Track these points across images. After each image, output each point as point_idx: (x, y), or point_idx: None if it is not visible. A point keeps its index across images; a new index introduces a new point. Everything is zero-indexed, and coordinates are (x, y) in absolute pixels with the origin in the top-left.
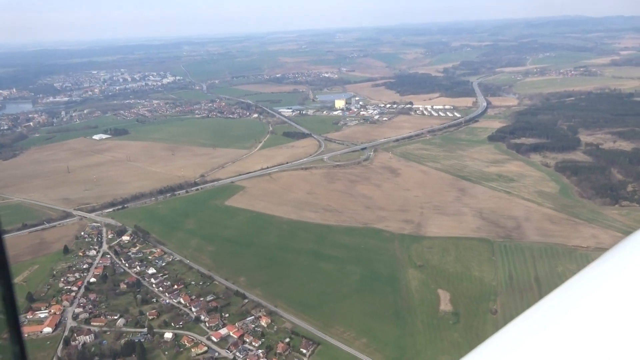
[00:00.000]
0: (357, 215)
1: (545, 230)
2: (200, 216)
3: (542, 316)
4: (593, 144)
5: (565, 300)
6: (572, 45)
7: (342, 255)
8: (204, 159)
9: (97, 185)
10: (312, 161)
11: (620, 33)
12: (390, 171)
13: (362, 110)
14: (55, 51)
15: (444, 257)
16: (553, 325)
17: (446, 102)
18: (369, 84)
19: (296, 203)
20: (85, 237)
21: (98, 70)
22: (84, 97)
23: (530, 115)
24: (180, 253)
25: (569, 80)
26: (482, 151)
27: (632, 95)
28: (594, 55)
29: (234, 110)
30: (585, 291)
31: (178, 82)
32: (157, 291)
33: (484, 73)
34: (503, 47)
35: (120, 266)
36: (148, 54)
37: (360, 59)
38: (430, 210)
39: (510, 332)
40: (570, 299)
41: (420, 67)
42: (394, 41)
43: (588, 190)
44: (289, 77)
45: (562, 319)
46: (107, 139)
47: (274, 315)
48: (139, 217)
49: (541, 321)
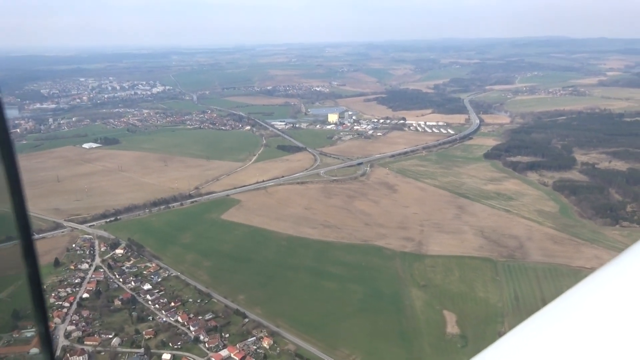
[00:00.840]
0: (357, 232)
1: (548, 250)
2: (196, 230)
3: (550, 319)
4: (589, 164)
5: (574, 303)
6: (558, 65)
7: (343, 273)
8: (198, 171)
9: (89, 195)
10: (308, 175)
11: (605, 54)
12: (387, 187)
13: (356, 124)
14: (41, 57)
15: (447, 276)
16: (560, 328)
17: (439, 118)
18: (360, 99)
19: (294, 218)
20: (76, 249)
21: (86, 78)
22: (71, 105)
23: (524, 133)
24: (177, 268)
25: (559, 99)
26: (479, 168)
27: (622, 116)
28: (580, 75)
29: (225, 122)
30: (595, 294)
31: (168, 91)
32: (154, 308)
33: (474, 90)
34: (491, 65)
35: (114, 281)
36: (136, 63)
37: (351, 74)
38: (430, 228)
39: (517, 335)
40: (579, 302)
41: (410, 83)
42: (383, 57)
43: (588, 210)
44: (280, 90)
45: (570, 322)
46: (97, 148)
47: (276, 336)
48: (132, 230)
49: (549, 324)
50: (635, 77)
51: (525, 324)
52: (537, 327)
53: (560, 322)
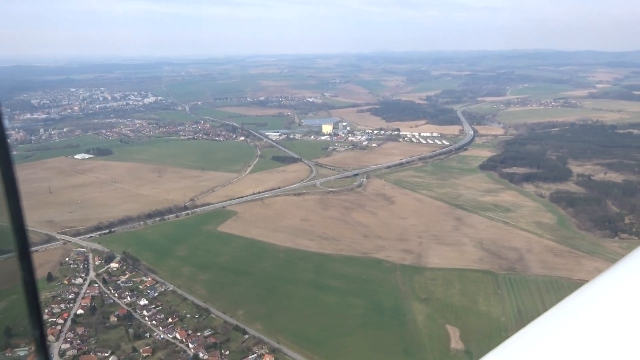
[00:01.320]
0: (355, 244)
1: (549, 262)
2: (192, 242)
3: (551, 324)
4: (584, 175)
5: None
6: (547, 77)
7: (343, 287)
8: (193, 182)
9: (82, 207)
10: (304, 186)
11: (593, 67)
12: (384, 198)
13: (350, 135)
14: (31, 67)
15: (448, 289)
16: (561, 332)
17: (433, 129)
18: (353, 110)
19: (291, 230)
20: (70, 263)
21: (76, 88)
22: (62, 115)
23: (518, 144)
24: (173, 282)
25: (551, 111)
26: (475, 180)
27: (615, 128)
28: (571, 87)
29: (219, 133)
30: (596, 299)
31: (160, 102)
32: (151, 325)
33: (466, 102)
34: (482, 77)
35: (110, 296)
36: (127, 74)
37: (343, 85)
38: (429, 240)
39: (519, 339)
40: (580, 306)
41: (403, 94)
42: (374, 68)
43: (586, 222)
44: (273, 101)
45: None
46: (90, 159)
47: (278, 353)
48: (127, 243)
49: (550, 329)
50: (625, 90)
51: (527, 328)
52: (539, 331)
53: (561, 326)
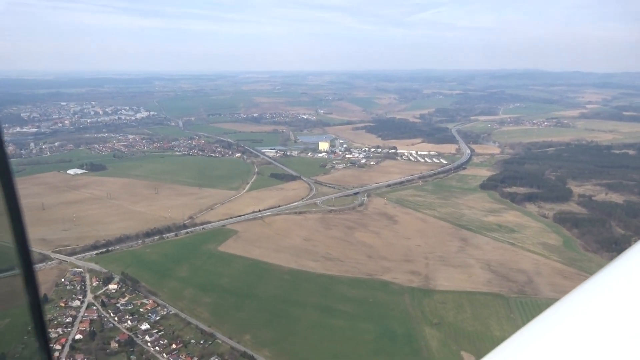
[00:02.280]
0: (360, 265)
1: (559, 285)
2: (193, 263)
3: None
4: (585, 195)
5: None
6: (538, 97)
7: (351, 310)
8: (191, 199)
9: (77, 224)
10: (305, 205)
11: (581, 87)
12: (387, 218)
13: (347, 153)
14: (21, 81)
15: (459, 313)
16: (563, 329)
17: (429, 148)
18: (348, 127)
19: (294, 250)
20: (66, 284)
21: (67, 102)
22: (53, 129)
23: (516, 164)
24: (175, 305)
25: (544, 130)
26: (477, 199)
27: (610, 148)
28: (562, 107)
29: (215, 149)
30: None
31: (152, 117)
32: (154, 351)
33: (460, 120)
34: (474, 96)
35: (109, 320)
36: (118, 88)
37: (336, 102)
38: (435, 262)
39: (521, 337)
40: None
41: (396, 112)
42: (367, 86)
43: (592, 244)
44: (267, 117)
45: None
46: (83, 174)
47: None
48: (125, 263)
49: (551, 326)
50: (615, 110)
51: (527, 327)
52: (540, 329)
53: (562, 323)
